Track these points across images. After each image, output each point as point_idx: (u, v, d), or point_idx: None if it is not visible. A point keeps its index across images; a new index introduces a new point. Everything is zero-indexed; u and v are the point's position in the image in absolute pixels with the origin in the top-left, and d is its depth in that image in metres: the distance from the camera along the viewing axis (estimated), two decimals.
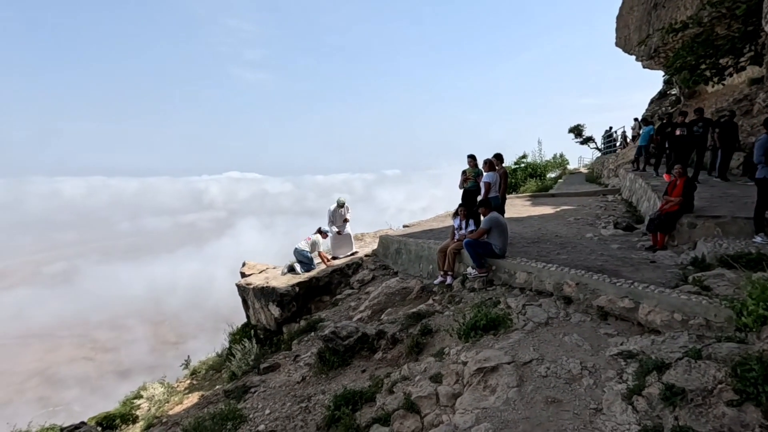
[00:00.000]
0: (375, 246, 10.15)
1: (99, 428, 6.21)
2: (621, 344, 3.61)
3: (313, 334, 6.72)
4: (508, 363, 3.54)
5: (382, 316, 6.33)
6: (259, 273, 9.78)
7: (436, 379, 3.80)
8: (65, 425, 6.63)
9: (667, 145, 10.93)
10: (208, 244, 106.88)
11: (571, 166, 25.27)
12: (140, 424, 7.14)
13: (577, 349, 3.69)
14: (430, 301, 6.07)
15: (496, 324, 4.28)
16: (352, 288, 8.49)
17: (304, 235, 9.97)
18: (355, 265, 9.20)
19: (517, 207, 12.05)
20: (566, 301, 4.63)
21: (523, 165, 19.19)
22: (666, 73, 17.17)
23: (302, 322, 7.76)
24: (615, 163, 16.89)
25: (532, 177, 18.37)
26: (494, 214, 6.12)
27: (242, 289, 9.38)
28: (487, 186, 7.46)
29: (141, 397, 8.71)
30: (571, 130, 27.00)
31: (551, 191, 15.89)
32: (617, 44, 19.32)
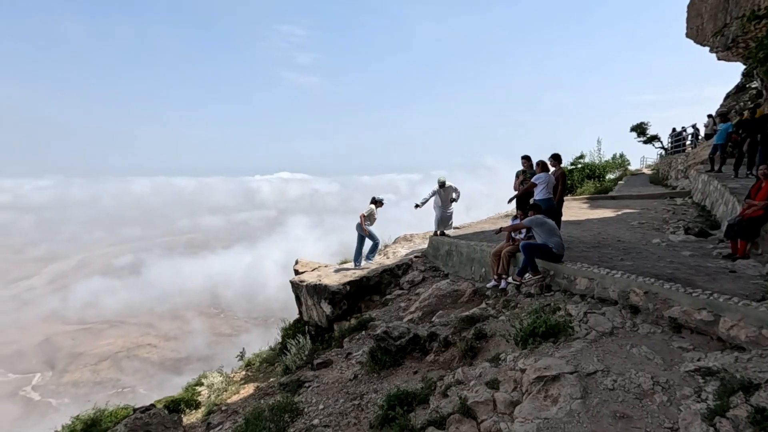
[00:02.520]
0: (425, 247, 10.11)
1: (166, 411, 6.66)
2: (698, 360, 3.34)
3: (364, 332, 6.81)
4: (571, 373, 3.39)
5: (433, 318, 6.29)
6: (312, 271, 10.06)
7: (493, 385, 3.72)
8: (137, 406, 7.17)
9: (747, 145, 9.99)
10: (260, 242, 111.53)
11: (632, 167, 23.76)
12: (202, 410, 7.58)
13: (647, 363, 3.46)
14: (483, 305, 5.95)
15: (556, 331, 4.12)
16: (402, 288, 8.51)
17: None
18: (405, 266, 9.21)
19: (573, 210, 11.51)
20: (633, 310, 4.36)
21: (580, 165, 18.27)
22: (746, 65, 15.68)
23: (353, 321, 7.89)
24: (684, 164, 15.67)
25: (590, 178, 17.45)
26: (540, 215, 5.90)
27: (296, 286, 9.69)
28: (530, 185, 7.26)
29: (202, 384, 9.23)
30: (633, 129, 25.36)
31: (611, 193, 15.03)
32: (688, 35, 17.89)
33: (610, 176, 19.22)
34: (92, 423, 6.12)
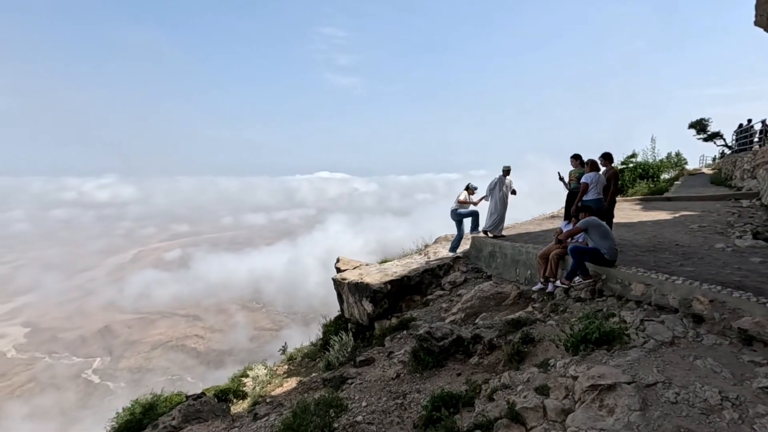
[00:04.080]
0: (466, 247, 9.97)
1: (215, 399, 6.99)
2: None
3: (405, 332, 6.81)
4: (628, 383, 3.23)
5: (477, 320, 6.19)
6: (353, 269, 10.19)
7: (542, 391, 3.61)
8: (189, 393, 7.56)
9: None
10: (300, 239, 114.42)
11: (690, 166, 22.27)
12: (247, 401, 7.88)
13: (714, 376, 3.23)
14: (530, 309, 5.79)
15: (610, 339, 3.93)
16: (443, 289, 8.44)
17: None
18: (446, 267, 9.13)
19: (625, 211, 10.96)
20: (696, 319, 4.09)
21: (631, 165, 17.32)
22: None
23: (393, 320, 7.91)
24: (752, 163, 14.46)
25: (643, 178, 16.50)
26: (594, 217, 5.66)
27: (338, 284, 9.86)
28: (583, 186, 6.98)
29: (247, 376, 9.60)
30: (692, 126, 23.70)
31: (667, 194, 14.15)
32: (757, 23, 16.50)
33: (664, 176, 18.09)
34: (150, 407, 6.52)
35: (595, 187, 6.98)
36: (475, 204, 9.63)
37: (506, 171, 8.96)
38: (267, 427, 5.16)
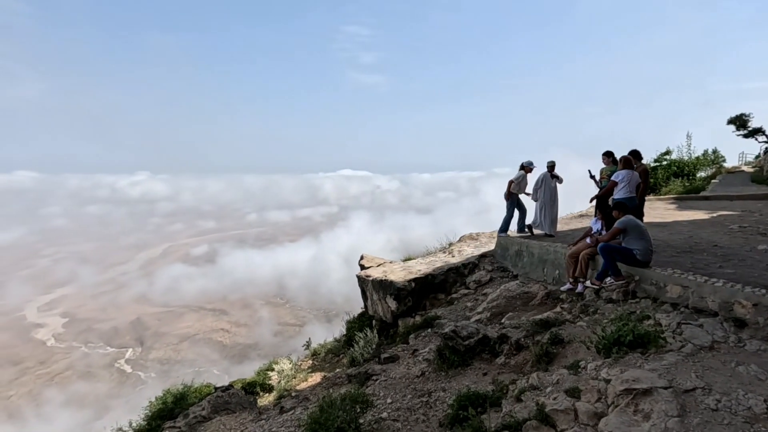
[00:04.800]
0: (491, 246, 9.84)
1: (243, 392, 7.16)
2: None
3: (429, 330, 6.78)
4: (664, 388, 3.12)
5: (503, 320, 6.10)
6: (377, 266, 10.23)
7: (573, 393, 3.53)
8: (217, 385, 7.77)
9: None
10: (323, 236, 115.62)
11: (728, 164, 21.26)
12: (273, 394, 8.03)
13: (759, 384, 3.08)
14: (558, 309, 5.66)
15: (645, 342, 3.80)
16: (468, 288, 8.36)
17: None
18: (471, 265, 9.04)
19: (658, 210, 10.58)
20: (737, 323, 3.91)
21: (665, 162, 16.66)
22: None
23: (417, 318, 7.90)
24: None
25: (677, 176, 15.85)
26: (631, 216, 5.48)
27: (362, 281, 9.91)
28: (610, 184, 6.80)
29: (272, 369, 9.78)
30: (731, 121, 22.60)
31: (703, 193, 13.57)
32: None
33: (701, 174, 17.34)
34: (181, 397, 6.74)
35: (627, 185, 6.79)
36: (520, 190, 8.65)
37: (551, 166, 8.35)
38: (293, 421, 5.24)
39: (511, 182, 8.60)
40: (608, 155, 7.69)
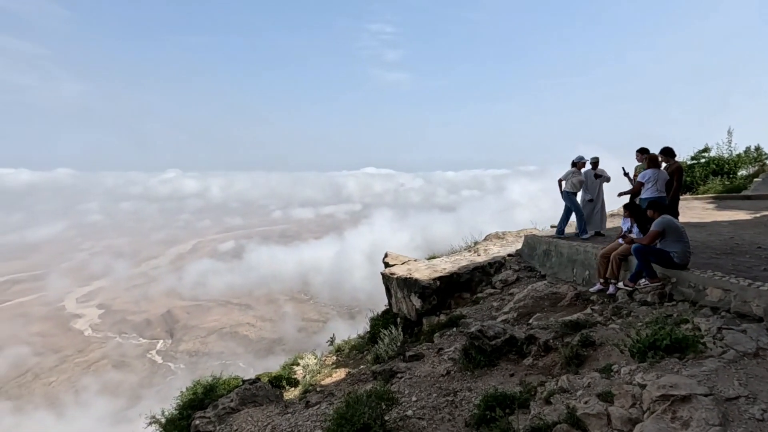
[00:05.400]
0: (518, 246, 9.67)
1: (269, 385, 7.30)
2: None
3: (454, 329, 6.73)
4: (705, 395, 2.98)
5: (531, 321, 5.99)
6: (402, 264, 10.22)
7: (606, 397, 3.42)
8: (245, 378, 7.95)
9: None
10: (346, 234, 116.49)
11: None
12: (299, 388, 8.15)
13: None
14: (588, 311, 5.51)
15: (683, 346, 3.65)
16: (494, 287, 8.24)
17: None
18: (498, 265, 8.91)
19: (695, 210, 10.14)
20: None
21: (703, 160, 15.92)
22: None
23: (442, 316, 7.85)
24: None
25: (716, 175, 15.13)
26: (668, 216, 5.27)
27: (386, 278, 9.93)
28: (637, 185, 6.60)
29: (297, 364, 9.92)
30: None
31: (745, 192, 12.91)
32: None
33: (742, 172, 16.48)
34: (210, 388, 6.94)
35: (654, 184, 6.58)
36: (573, 189, 8.06)
37: (595, 163, 7.94)
38: (319, 415, 5.31)
39: (560, 181, 8.12)
40: (642, 152, 7.41)
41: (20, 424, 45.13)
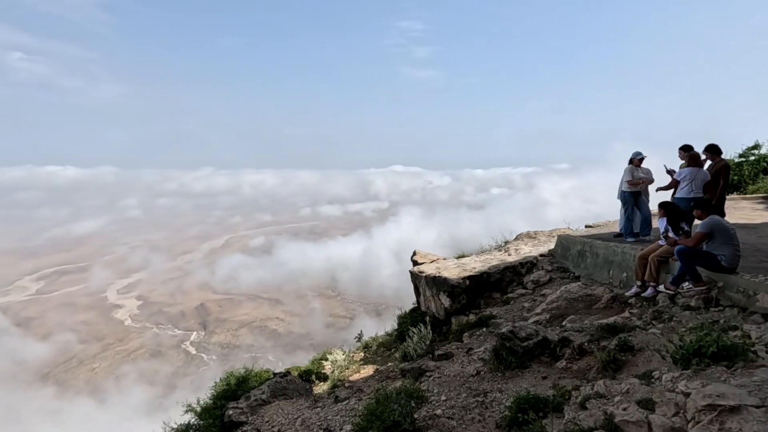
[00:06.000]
0: (551, 246, 9.43)
1: (299, 379, 7.44)
2: None
3: (484, 329, 6.64)
4: (756, 406, 2.82)
5: (564, 323, 5.84)
6: (431, 262, 10.16)
7: (646, 405, 3.29)
8: (276, 371, 8.14)
9: None
10: (374, 231, 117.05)
11: None
12: (327, 383, 8.26)
13: None
14: (626, 314, 5.32)
15: (731, 354, 3.46)
16: (525, 288, 8.07)
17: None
18: (529, 265, 8.72)
19: (744, 211, 9.58)
20: None
21: (752, 158, 15.00)
22: None
23: (472, 316, 7.76)
24: None
25: (767, 173, 14.23)
26: (716, 217, 5.00)
27: (415, 276, 9.90)
28: (671, 183, 6.28)
29: (326, 359, 10.05)
30: None
31: None
32: None
33: None
34: (243, 380, 7.13)
35: (690, 184, 6.26)
36: (630, 188, 7.39)
37: (640, 159, 7.43)
38: (348, 410, 5.37)
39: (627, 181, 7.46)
40: (686, 149, 7.06)
41: (61, 409, 47.83)
